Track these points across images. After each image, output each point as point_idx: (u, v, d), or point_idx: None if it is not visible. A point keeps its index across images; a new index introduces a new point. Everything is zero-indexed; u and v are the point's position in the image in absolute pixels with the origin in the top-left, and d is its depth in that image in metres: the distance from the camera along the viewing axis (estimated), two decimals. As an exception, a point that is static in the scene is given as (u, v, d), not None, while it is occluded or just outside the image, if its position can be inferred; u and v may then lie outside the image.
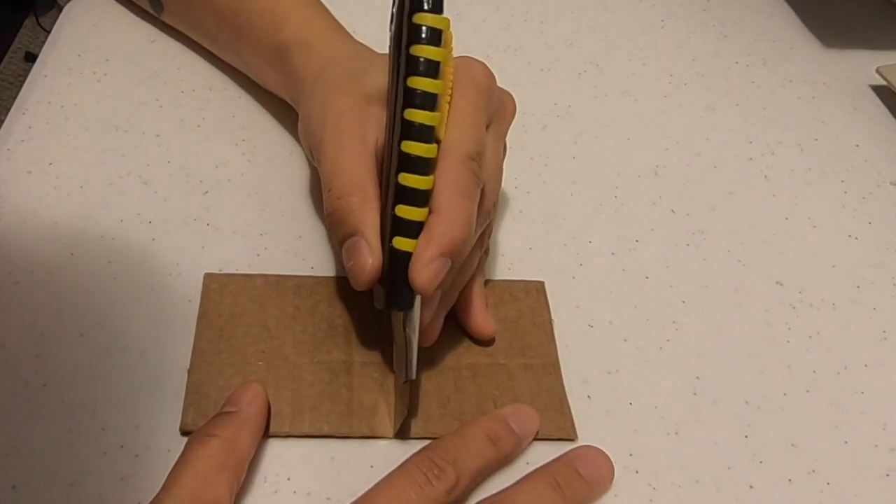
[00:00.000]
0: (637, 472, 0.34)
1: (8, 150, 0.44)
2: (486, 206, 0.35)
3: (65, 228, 0.40)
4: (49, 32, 0.51)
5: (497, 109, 0.36)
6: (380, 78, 0.35)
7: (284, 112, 0.48)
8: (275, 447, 0.33)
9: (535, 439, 0.34)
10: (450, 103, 0.33)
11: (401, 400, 0.33)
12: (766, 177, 0.48)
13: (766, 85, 0.54)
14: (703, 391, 0.37)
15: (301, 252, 0.40)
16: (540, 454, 0.34)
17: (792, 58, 0.57)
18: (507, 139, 0.39)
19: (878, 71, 0.53)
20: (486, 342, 0.37)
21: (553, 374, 0.36)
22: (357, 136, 0.34)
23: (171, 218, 0.41)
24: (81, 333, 0.36)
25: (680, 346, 0.39)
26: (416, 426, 0.34)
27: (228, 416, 0.32)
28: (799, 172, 0.48)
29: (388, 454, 0.33)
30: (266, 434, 0.33)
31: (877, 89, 0.55)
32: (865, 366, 0.39)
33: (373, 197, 0.33)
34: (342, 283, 0.39)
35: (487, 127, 0.35)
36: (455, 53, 0.34)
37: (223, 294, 0.38)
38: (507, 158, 0.40)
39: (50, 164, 0.43)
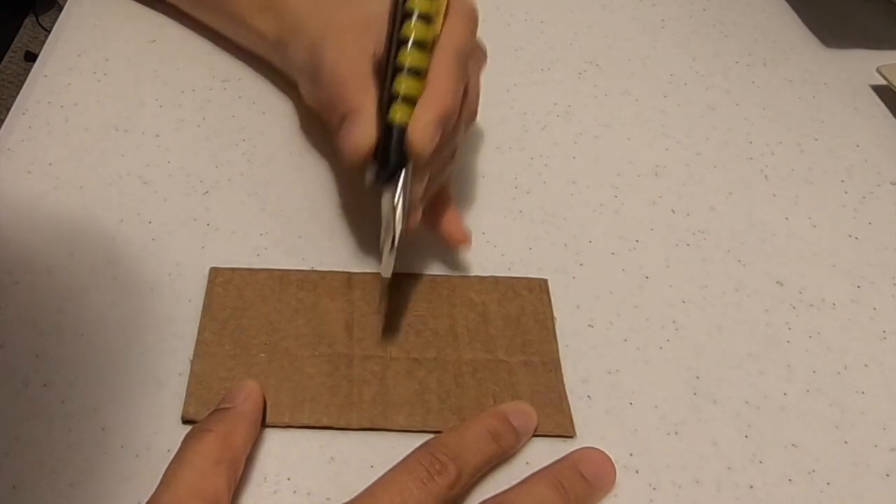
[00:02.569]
0: (637, 472, 0.34)
1: (8, 150, 0.44)
2: (470, 108, 0.39)
3: (65, 228, 0.40)
4: (49, 32, 0.52)
5: (475, 48, 0.41)
6: (377, 3, 0.37)
7: (284, 112, 0.48)
8: (275, 447, 0.33)
9: (534, 436, 0.34)
10: (445, 17, 0.37)
11: (388, 270, 0.36)
12: (766, 177, 0.48)
13: (766, 85, 0.54)
14: (703, 391, 0.37)
15: (301, 252, 0.40)
16: (539, 452, 0.34)
17: (792, 58, 0.57)
18: (507, 138, 0.45)
19: (878, 71, 0.53)
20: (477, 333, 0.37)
21: (553, 371, 0.36)
22: (358, 45, 0.37)
23: (171, 218, 0.41)
24: (81, 333, 0.36)
25: (680, 346, 0.39)
26: (414, 419, 0.34)
27: (223, 412, 0.32)
28: (799, 172, 0.48)
29: (388, 454, 0.33)
30: (265, 424, 0.34)
31: (877, 89, 0.55)
32: (865, 366, 0.39)
33: (372, 85, 0.36)
34: (345, 279, 0.39)
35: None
36: None
37: (228, 287, 0.38)
38: (507, 158, 0.46)
39: (50, 164, 0.43)
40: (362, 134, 0.34)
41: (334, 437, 0.34)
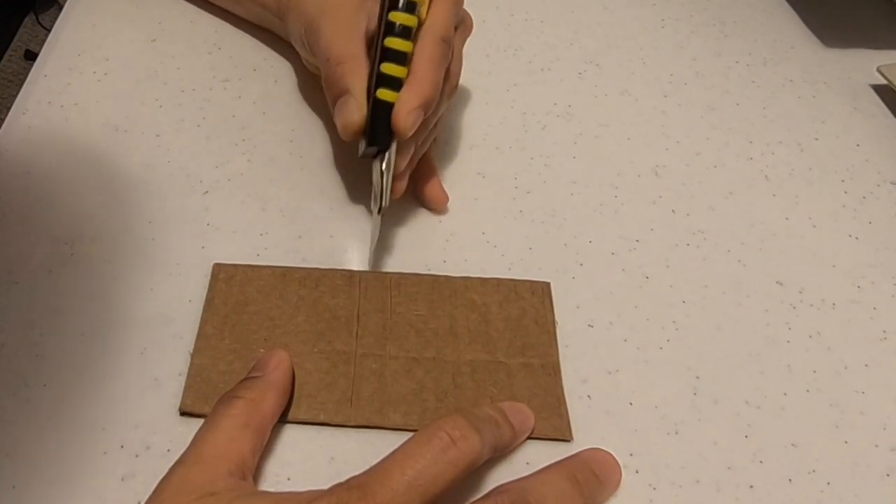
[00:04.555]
0: (637, 472, 0.34)
1: (8, 150, 0.44)
2: (452, 83, 0.42)
3: (65, 228, 0.40)
4: (49, 31, 0.52)
5: (462, 19, 0.44)
6: None
7: (284, 112, 0.48)
8: (275, 447, 0.33)
9: (532, 438, 0.34)
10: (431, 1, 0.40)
11: (375, 231, 0.39)
12: (766, 177, 0.48)
13: (767, 85, 0.54)
14: (703, 391, 0.37)
15: (301, 252, 0.40)
16: (539, 453, 0.34)
17: (792, 57, 0.57)
18: (507, 138, 0.45)
19: (878, 70, 0.53)
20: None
21: (552, 374, 0.36)
22: (353, 21, 0.41)
23: (171, 218, 0.41)
24: (81, 333, 0.36)
25: (680, 346, 0.39)
26: (411, 417, 0.34)
27: (253, 380, 0.33)
28: (799, 172, 0.48)
29: (387, 454, 0.33)
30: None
31: (877, 89, 0.55)
32: (865, 366, 0.39)
33: (363, 65, 0.39)
34: (346, 276, 0.39)
35: (456, 27, 0.42)
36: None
37: (231, 283, 0.38)
38: (507, 158, 0.47)
39: (50, 163, 0.43)
40: (352, 115, 0.38)
41: (334, 437, 0.34)
